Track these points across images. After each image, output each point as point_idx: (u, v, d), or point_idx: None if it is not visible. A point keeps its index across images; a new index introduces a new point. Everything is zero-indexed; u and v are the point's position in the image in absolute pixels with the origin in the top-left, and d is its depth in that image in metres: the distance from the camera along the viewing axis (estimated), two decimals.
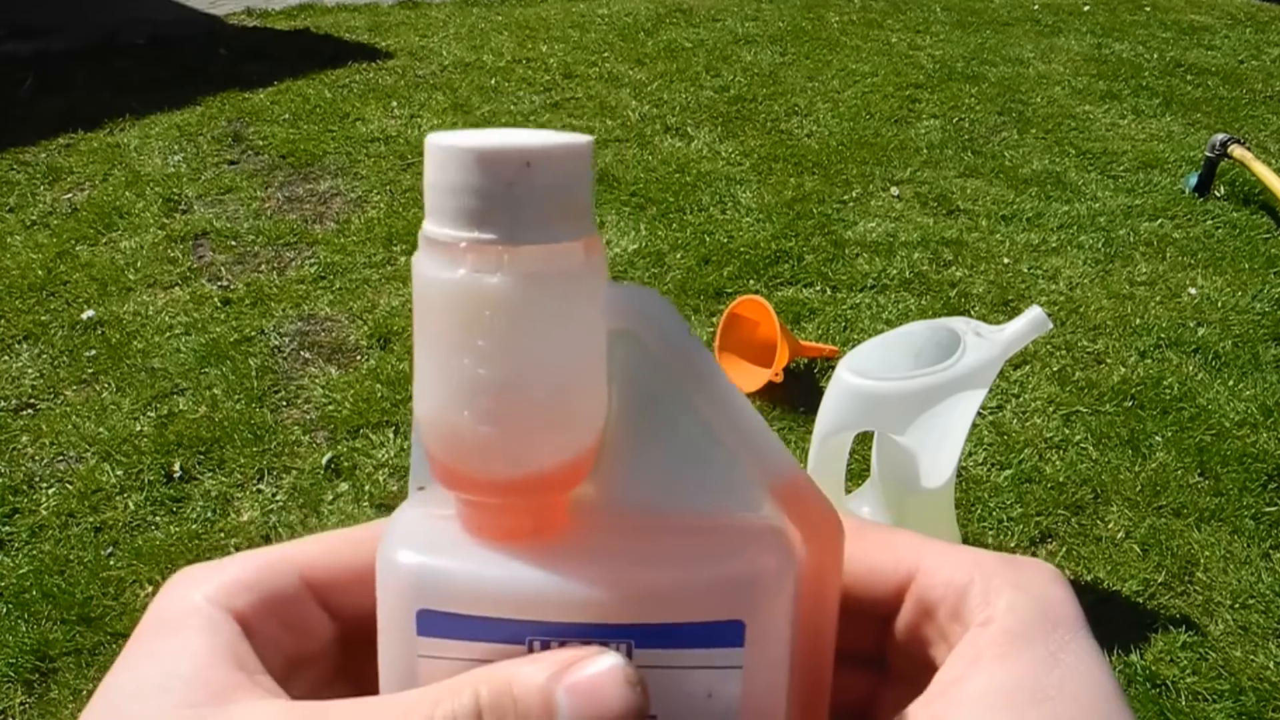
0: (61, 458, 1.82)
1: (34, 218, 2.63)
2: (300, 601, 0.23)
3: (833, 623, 0.23)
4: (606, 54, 3.84)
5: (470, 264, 0.19)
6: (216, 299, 2.27)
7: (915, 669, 0.23)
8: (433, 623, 0.21)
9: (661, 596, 0.21)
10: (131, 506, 1.71)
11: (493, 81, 3.53)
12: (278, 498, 1.73)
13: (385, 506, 1.70)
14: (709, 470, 0.22)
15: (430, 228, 0.20)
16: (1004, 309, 2.25)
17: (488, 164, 0.19)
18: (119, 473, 1.77)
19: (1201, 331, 2.18)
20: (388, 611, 0.21)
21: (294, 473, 1.78)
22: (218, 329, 2.16)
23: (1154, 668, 1.42)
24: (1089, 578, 1.58)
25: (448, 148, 0.19)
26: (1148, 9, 4.63)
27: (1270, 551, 1.62)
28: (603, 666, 0.20)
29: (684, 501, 0.22)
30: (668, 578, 0.21)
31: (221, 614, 0.22)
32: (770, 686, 0.22)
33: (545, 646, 0.21)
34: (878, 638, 0.25)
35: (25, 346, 2.12)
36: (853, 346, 1.46)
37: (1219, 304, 2.29)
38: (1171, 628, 1.49)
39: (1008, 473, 1.78)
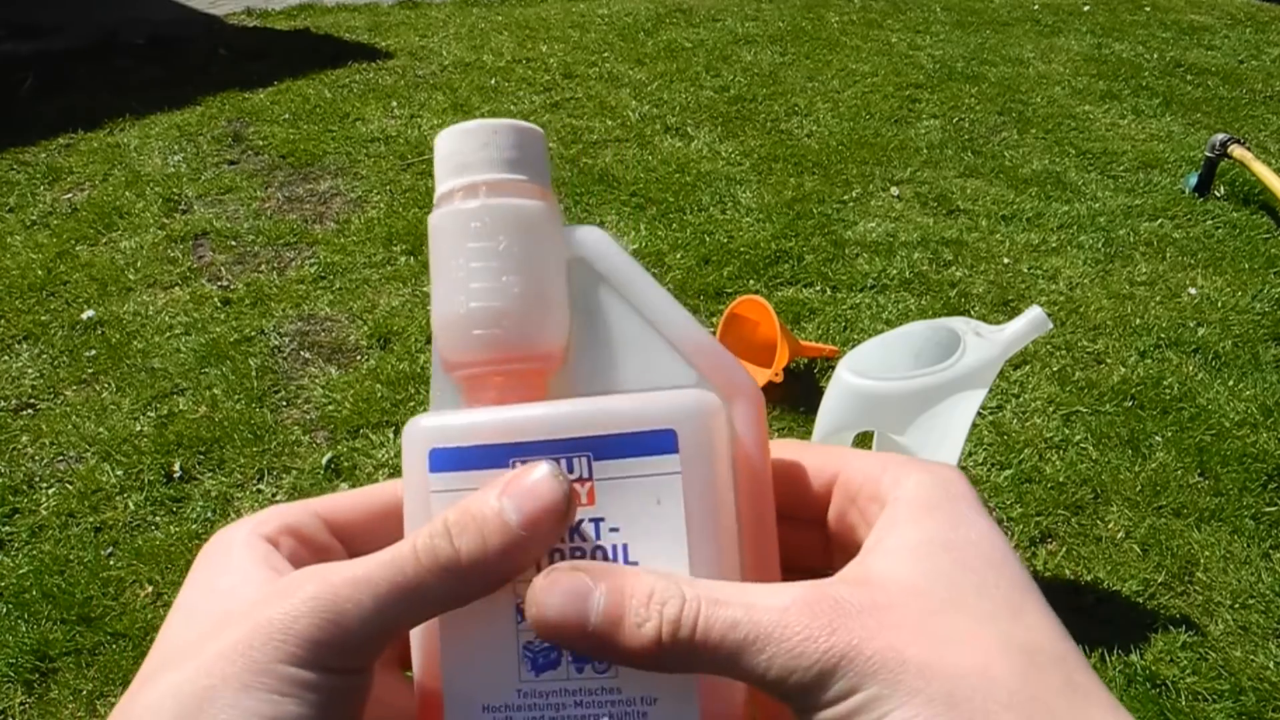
0: (61, 458, 1.82)
1: (34, 218, 2.63)
2: (315, 528, 0.29)
3: (766, 470, 0.28)
4: (606, 54, 3.84)
5: (459, 198, 0.27)
6: (216, 299, 2.27)
7: (849, 558, 0.27)
8: (440, 458, 0.26)
9: (610, 413, 0.26)
10: (131, 506, 1.71)
11: (493, 81, 3.53)
12: (278, 498, 1.73)
13: None
14: (650, 357, 0.28)
15: (437, 191, 0.28)
16: (1004, 309, 2.25)
17: (469, 134, 0.28)
18: (119, 473, 1.77)
19: (1201, 331, 2.18)
20: (409, 463, 0.27)
21: (294, 473, 1.78)
22: (218, 329, 2.16)
23: (1154, 668, 1.42)
24: (1089, 578, 1.58)
25: (445, 131, 0.28)
26: (1148, 9, 4.63)
27: (1270, 551, 1.62)
28: (535, 472, 0.25)
29: (631, 380, 0.28)
30: (616, 401, 0.27)
31: (255, 538, 0.27)
32: (710, 503, 0.26)
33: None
34: (823, 546, 0.30)
35: (25, 346, 2.12)
36: (853, 346, 1.46)
37: (1219, 304, 2.29)
38: (1171, 628, 1.49)
39: (1008, 473, 1.78)
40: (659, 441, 0.26)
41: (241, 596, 0.25)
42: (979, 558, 0.25)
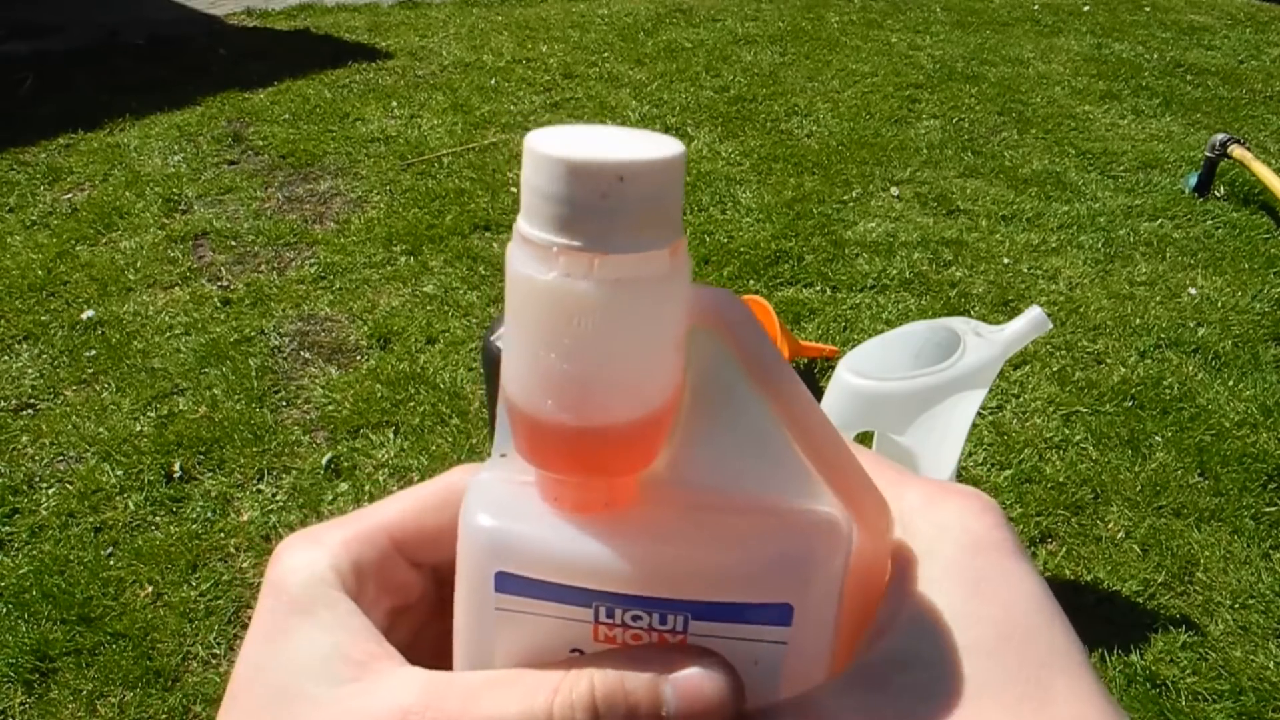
0: (61, 458, 1.82)
1: (34, 218, 2.63)
2: (394, 565, 0.26)
3: (876, 602, 0.24)
4: (606, 54, 3.84)
5: (562, 267, 0.20)
6: (216, 299, 2.27)
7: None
8: (508, 583, 0.23)
9: (717, 577, 0.22)
10: (131, 506, 1.71)
11: (493, 81, 3.53)
12: (278, 498, 1.73)
13: None
14: (771, 459, 0.23)
15: (525, 226, 0.21)
16: (1004, 309, 2.25)
17: (583, 176, 0.20)
18: (119, 473, 1.77)
19: (1201, 331, 2.18)
20: (467, 568, 0.24)
21: (294, 473, 1.78)
22: (218, 329, 2.16)
23: (1154, 668, 1.42)
24: (1089, 578, 1.58)
25: (546, 155, 0.20)
26: (1148, 9, 4.63)
27: (1270, 551, 1.62)
28: (708, 672, 0.22)
29: (746, 485, 0.24)
30: (724, 560, 0.22)
31: (339, 593, 0.24)
32: (811, 659, 0.23)
33: (610, 614, 0.23)
34: None
35: (25, 346, 2.12)
36: (853, 346, 1.46)
37: (1219, 304, 2.29)
38: (1171, 628, 1.49)
39: (1008, 473, 1.78)
40: (772, 614, 0.23)
41: (333, 681, 0.23)
42: (1004, 633, 0.22)
